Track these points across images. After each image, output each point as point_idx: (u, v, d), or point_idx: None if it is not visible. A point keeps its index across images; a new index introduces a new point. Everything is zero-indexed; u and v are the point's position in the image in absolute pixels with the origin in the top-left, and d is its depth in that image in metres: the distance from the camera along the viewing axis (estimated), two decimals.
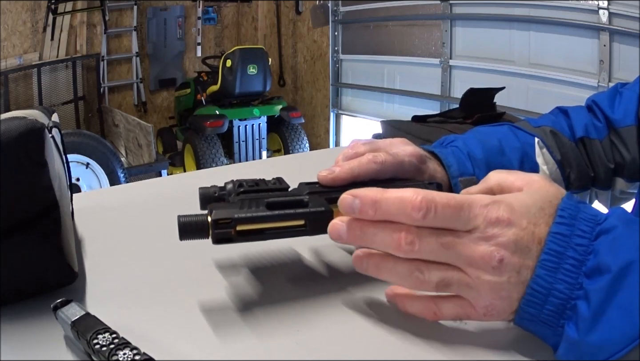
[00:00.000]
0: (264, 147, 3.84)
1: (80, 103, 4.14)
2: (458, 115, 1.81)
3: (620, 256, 0.29)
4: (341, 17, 3.88)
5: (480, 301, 0.32)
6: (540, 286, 0.31)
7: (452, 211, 0.32)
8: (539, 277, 0.31)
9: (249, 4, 4.81)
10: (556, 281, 0.30)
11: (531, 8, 2.52)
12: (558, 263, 0.30)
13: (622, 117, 0.56)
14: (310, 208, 0.37)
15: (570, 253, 0.31)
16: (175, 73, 4.68)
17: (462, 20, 2.97)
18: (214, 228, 0.36)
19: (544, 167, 0.55)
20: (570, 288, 0.30)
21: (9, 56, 3.85)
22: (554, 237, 0.31)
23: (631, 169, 0.56)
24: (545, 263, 0.31)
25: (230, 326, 0.37)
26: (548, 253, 0.31)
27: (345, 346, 0.35)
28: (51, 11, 3.92)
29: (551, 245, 0.31)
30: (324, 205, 0.38)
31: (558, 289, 0.30)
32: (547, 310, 0.31)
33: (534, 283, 0.31)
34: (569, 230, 0.31)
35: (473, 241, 0.32)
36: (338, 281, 0.43)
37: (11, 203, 0.36)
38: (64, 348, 0.34)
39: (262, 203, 0.37)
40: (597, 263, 0.30)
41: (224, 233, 0.36)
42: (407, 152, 0.47)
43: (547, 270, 0.31)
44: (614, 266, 0.29)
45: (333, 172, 0.42)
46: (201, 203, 0.42)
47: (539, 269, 0.31)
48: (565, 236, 0.31)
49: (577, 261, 0.30)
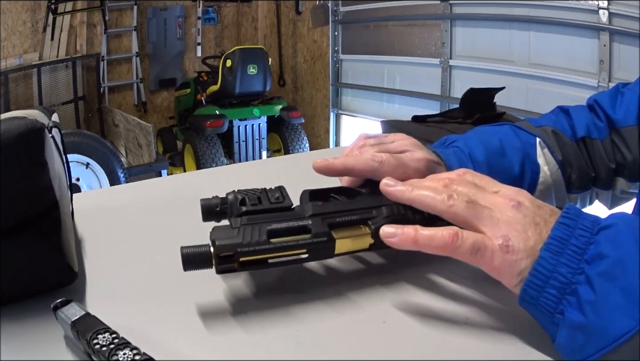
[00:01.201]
0: (264, 147, 3.83)
1: (80, 103, 4.13)
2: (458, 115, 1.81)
3: (620, 244, 0.31)
4: (341, 17, 3.87)
5: (497, 229, 0.34)
6: (544, 268, 0.32)
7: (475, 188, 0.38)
8: (543, 259, 0.32)
9: (249, 4, 4.81)
10: (559, 264, 0.32)
11: (531, 8, 2.52)
12: (562, 247, 0.32)
13: (624, 117, 0.56)
14: (312, 237, 0.37)
15: (573, 240, 0.32)
16: (175, 73, 4.68)
17: (462, 20, 2.97)
18: (217, 263, 0.36)
19: (545, 168, 0.55)
20: (572, 273, 0.31)
21: (9, 56, 3.85)
22: (559, 226, 0.33)
23: (632, 169, 0.56)
24: (550, 245, 0.33)
25: (230, 326, 0.37)
26: (553, 238, 0.33)
27: (345, 346, 0.35)
28: (51, 11, 3.91)
29: (556, 232, 0.33)
30: (326, 235, 0.38)
31: (560, 272, 0.32)
32: (548, 292, 0.32)
33: (538, 264, 0.32)
34: (573, 223, 0.33)
35: (494, 195, 0.37)
36: (338, 282, 0.43)
37: (11, 203, 0.36)
38: (64, 348, 0.34)
39: (264, 231, 0.37)
40: (597, 251, 0.31)
41: (228, 267, 0.36)
42: (415, 157, 0.47)
43: (551, 253, 0.32)
44: (616, 253, 0.30)
45: (327, 160, 0.43)
46: (203, 215, 0.42)
47: (543, 251, 0.33)
48: (569, 227, 0.33)
49: (579, 248, 0.32)
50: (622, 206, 0.60)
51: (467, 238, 0.35)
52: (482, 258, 0.34)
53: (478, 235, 0.35)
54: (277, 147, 3.98)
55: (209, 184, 0.68)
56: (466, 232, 0.35)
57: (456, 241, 0.35)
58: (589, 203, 0.60)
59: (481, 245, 0.34)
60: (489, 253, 0.34)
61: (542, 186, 0.55)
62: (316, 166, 0.43)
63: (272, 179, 0.50)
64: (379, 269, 0.45)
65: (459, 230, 0.35)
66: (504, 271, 0.34)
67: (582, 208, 0.60)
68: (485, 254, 0.34)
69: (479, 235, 0.35)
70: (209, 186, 0.62)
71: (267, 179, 0.51)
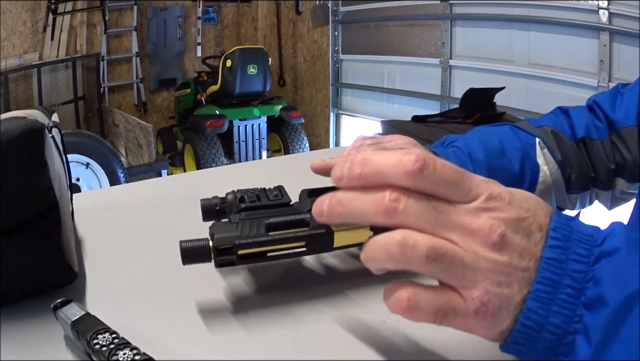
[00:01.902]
0: (264, 147, 3.83)
1: (80, 103, 4.13)
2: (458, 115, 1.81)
3: (625, 283, 0.25)
4: (341, 17, 3.87)
5: (473, 288, 0.27)
6: (532, 321, 0.26)
7: (453, 175, 0.27)
8: (531, 310, 0.26)
9: (249, 4, 4.81)
10: (551, 315, 0.26)
11: (531, 8, 2.52)
12: (553, 293, 0.26)
13: (623, 117, 0.56)
14: (311, 230, 0.37)
15: (566, 281, 0.26)
16: (175, 73, 4.68)
17: (462, 20, 2.97)
18: (216, 256, 0.36)
19: (545, 168, 0.55)
20: (568, 322, 0.26)
21: (9, 56, 3.85)
22: (547, 263, 0.26)
23: (632, 170, 0.56)
24: (539, 293, 0.26)
25: (230, 326, 0.37)
26: (541, 283, 0.26)
27: (345, 346, 0.35)
28: (51, 11, 3.91)
29: (545, 273, 0.26)
30: (325, 227, 0.38)
31: (553, 323, 0.26)
32: (538, 347, 0.27)
33: (525, 317, 0.26)
34: (563, 254, 0.27)
35: (470, 211, 0.27)
36: (337, 281, 0.43)
37: (11, 202, 0.36)
38: (64, 348, 0.34)
39: (263, 225, 0.37)
40: (599, 293, 0.26)
41: (226, 259, 0.36)
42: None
43: (541, 302, 0.26)
44: (618, 294, 0.25)
45: (324, 160, 0.43)
46: (203, 215, 0.42)
47: (530, 301, 0.26)
48: (560, 262, 0.27)
49: (575, 290, 0.26)
50: (622, 206, 0.60)
51: (424, 303, 0.27)
52: (449, 323, 0.28)
53: (442, 297, 0.27)
54: (277, 147, 3.98)
55: (209, 184, 0.68)
56: (424, 294, 0.27)
57: (413, 304, 0.27)
58: (588, 204, 0.60)
59: (449, 310, 0.27)
60: (460, 319, 0.27)
61: (542, 185, 0.55)
62: (314, 167, 0.44)
63: (272, 179, 0.50)
64: None
65: (413, 291, 0.27)
66: (478, 333, 0.28)
67: (582, 208, 0.60)
68: (455, 321, 0.27)
69: (443, 297, 0.27)
70: (209, 186, 0.62)
71: (267, 179, 0.51)
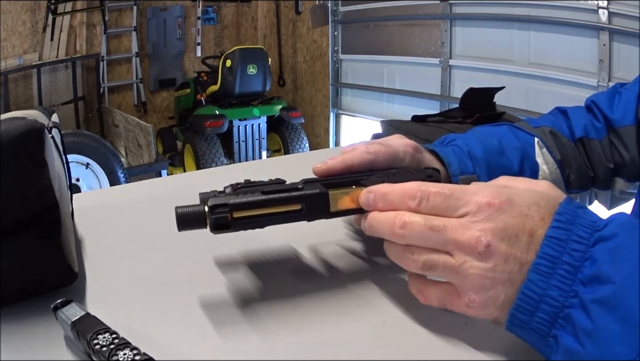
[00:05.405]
0: (264, 147, 3.84)
1: (80, 103, 4.13)
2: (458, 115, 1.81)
3: (623, 267, 0.28)
4: (341, 17, 3.87)
5: (465, 288, 0.32)
6: (533, 292, 0.30)
7: (443, 198, 0.34)
8: (532, 282, 0.30)
9: (248, 4, 4.81)
10: (549, 288, 0.29)
11: (531, 8, 2.52)
12: (552, 268, 0.29)
13: (621, 117, 0.56)
14: (305, 190, 0.38)
15: (565, 258, 0.29)
16: (175, 73, 4.68)
17: (461, 20, 2.97)
18: (210, 214, 0.36)
19: (544, 167, 0.55)
20: (564, 296, 0.29)
21: (8, 56, 3.85)
22: (549, 241, 0.30)
23: (630, 169, 0.56)
24: (539, 267, 0.30)
25: (230, 326, 0.37)
26: (542, 257, 0.30)
27: (345, 346, 0.35)
28: (51, 11, 3.91)
29: (546, 249, 0.30)
30: (319, 188, 0.38)
31: (551, 295, 0.29)
32: (539, 317, 0.30)
33: (526, 287, 0.30)
34: (565, 234, 0.30)
35: (462, 225, 0.32)
36: (337, 279, 0.43)
37: (11, 202, 0.36)
38: (64, 348, 0.34)
39: (258, 191, 0.38)
40: (595, 271, 0.28)
41: (221, 219, 0.36)
42: (402, 143, 0.47)
43: (541, 275, 0.30)
44: (616, 277, 0.28)
45: (327, 164, 0.43)
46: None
47: (531, 273, 0.30)
48: (561, 241, 0.30)
49: (573, 267, 0.29)
50: (622, 206, 0.60)
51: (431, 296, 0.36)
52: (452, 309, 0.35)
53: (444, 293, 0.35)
54: (277, 147, 3.98)
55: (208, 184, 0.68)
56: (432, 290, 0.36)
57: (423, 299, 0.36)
58: (588, 203, 0.60)
59: (447, 303, 0.35)
60: (457, 308, 0.34)
61: None
62: (317, 171, 0.43)
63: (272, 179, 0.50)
64: (379, 269, 0.45)
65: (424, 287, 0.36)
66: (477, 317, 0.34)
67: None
68: (455, 308, 0.34)
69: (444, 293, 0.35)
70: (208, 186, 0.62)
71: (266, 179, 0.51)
